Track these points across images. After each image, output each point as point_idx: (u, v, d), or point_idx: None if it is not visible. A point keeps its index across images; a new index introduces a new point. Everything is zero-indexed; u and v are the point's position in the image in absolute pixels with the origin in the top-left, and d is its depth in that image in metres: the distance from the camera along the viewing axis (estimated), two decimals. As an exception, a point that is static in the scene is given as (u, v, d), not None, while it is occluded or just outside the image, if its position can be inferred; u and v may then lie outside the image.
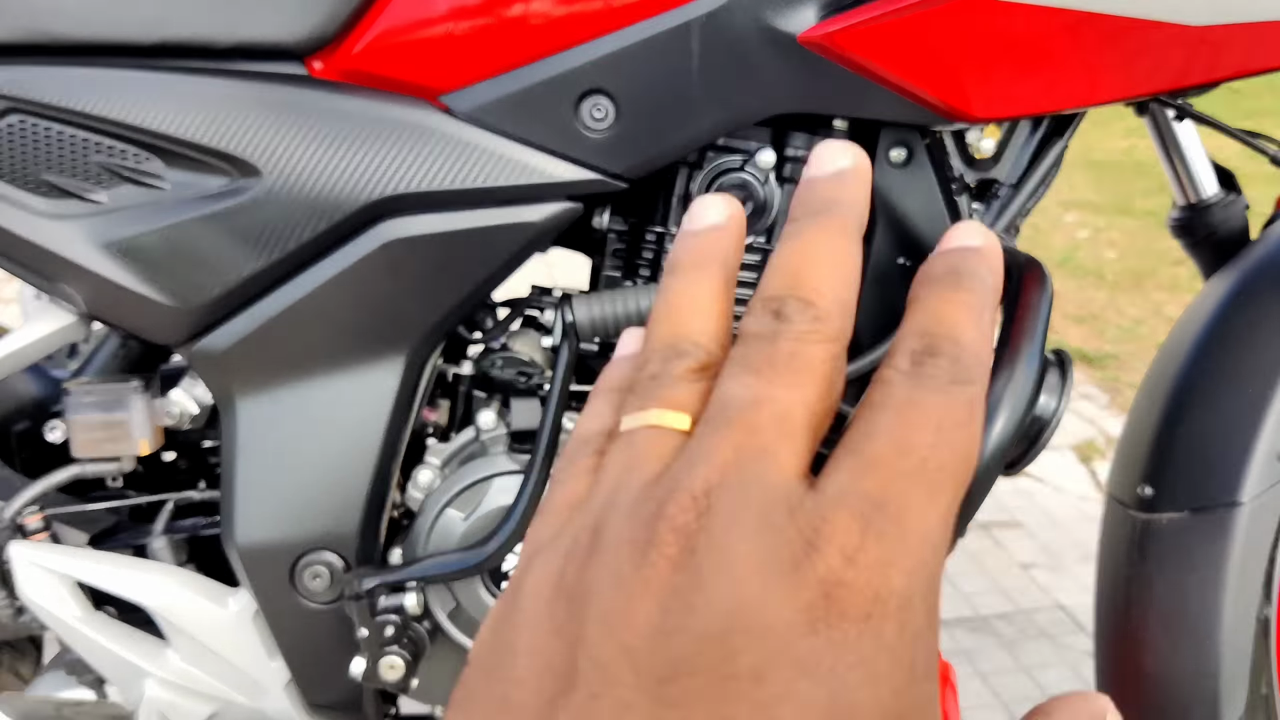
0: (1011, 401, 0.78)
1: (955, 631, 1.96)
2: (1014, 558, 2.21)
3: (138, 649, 1.01)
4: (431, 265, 0.94)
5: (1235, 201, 1.23)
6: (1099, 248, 4.50)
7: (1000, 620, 2.00)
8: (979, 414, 0.34)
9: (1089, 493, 2.50)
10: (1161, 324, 3.67)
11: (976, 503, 0.78)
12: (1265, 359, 1.04)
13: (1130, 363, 3.33)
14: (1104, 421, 2.85)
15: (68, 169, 0.92)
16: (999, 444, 0.77)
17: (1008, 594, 2.08)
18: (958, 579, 2.12)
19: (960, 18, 0.86)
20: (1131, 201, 5.12)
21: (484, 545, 0.93)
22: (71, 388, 0.99)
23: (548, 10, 0.89)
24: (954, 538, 0.82)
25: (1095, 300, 3.88)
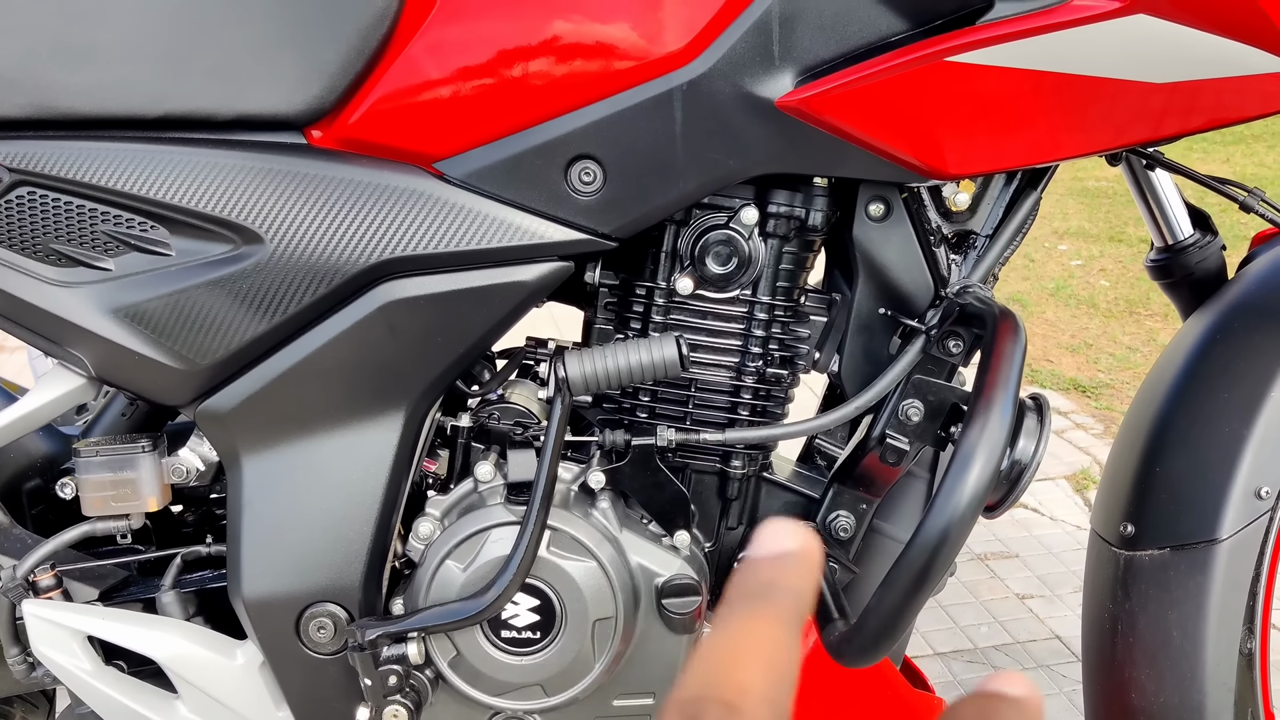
0: (986, 449, 0.82)
1: (952, 664, 1.98)
2: (1010, 589, 2.23)
3: (148, 702, 1.03)
4: (429, 325, 0.98)
5: (1211, 243, 1.27)
6: (1092, 276, 4.54)
7: (997, 651, 2.02)
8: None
9: (1083, 522, 2.52)
10: (1155, 352, 3.70)
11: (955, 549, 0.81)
12: (1241, 397, 1.07)
13: (1124, 391, 3.36)
14: (1098, 451, 2.87)
15: (75, 238, 0.96)
16: (975, 491, 0.81)
17: (1004, 625, 2.10)
18: (954, 610, 2.14)
19: (930, 81, 0.90)
20: (1124, 229, 5.16)
21: (483, 595, 0.96)
22: (81, 448, 1.02)
23: (537, 80, 0.93)
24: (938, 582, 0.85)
25: (1089, 329, 3.91)
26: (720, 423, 1.08)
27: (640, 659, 1.03)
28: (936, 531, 0.79)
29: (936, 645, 2.04)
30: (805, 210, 1.03)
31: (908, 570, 0.81)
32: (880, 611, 0.84)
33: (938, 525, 0.79)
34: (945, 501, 0.79)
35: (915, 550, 0.80)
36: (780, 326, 1.07)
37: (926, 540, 0.80)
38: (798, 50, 0.91)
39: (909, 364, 1.03)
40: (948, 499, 0.79)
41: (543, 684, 1.01)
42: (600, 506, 1.02)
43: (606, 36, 0.91)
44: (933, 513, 0.80)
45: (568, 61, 0.92)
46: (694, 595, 1.00)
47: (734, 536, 1.15)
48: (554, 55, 0.92)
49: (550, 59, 0.92)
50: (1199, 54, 0.89)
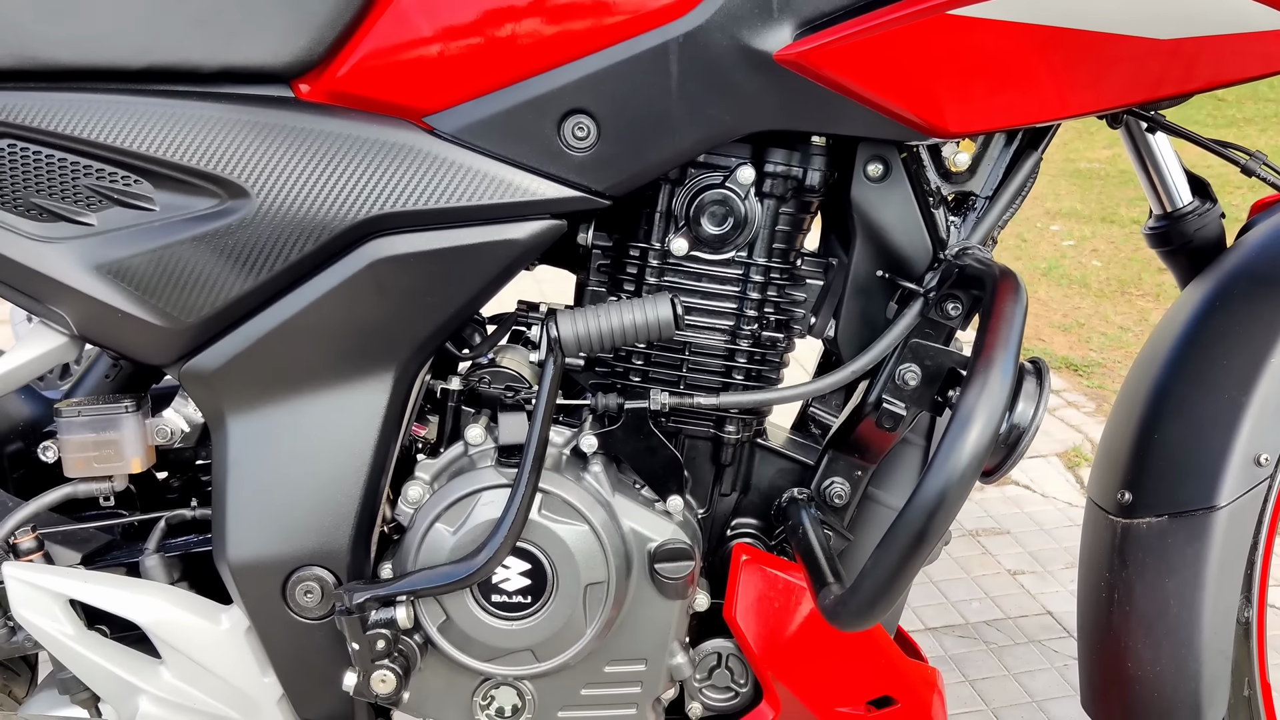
0: (986, 410, 0.80)
1: (944, 639, 1.97)
2: (1002, 564, 2.23)
3: (131, 666, 1.01)
4: (418, 283, 0.96)
5: (1210, 210, 1.25)
6: (1084, 256, 4.53)
7: (989, 627, 2.01)
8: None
9: (1075, 499, 2.52)
10: (1146, 331, 3.69)
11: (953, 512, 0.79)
12: (1240, 364, 1.06)
13: (1116, 370, 3.35)
14: (1090, 429, 2.87)
15: (57, 192, 0.93)
16: (974, 451, 0.80)
17: (996, 601, 2.10)
18: (946, 586, 2.14)
19: (932, 35, 0.88)
20: (1116, 210, 5.15)
21: (473, 558, 0.94)
22: (63, 408, 1.00)
23: (530, 33, 0.91)
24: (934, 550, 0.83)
25: (1081, 309, 3.90)
26: (714, 387, 1.06)
27: (631, 625, 1.02)
28: (934, 493, 0.78)
29: (928, 620, 2.03)
30: (803, 170, 1.01)
31: (904, 532, 0.80)
32: (876, 574, 0.82)
33: (935, 487, 0.78)
34: (943, 462, 0.78)
35: (912, 512, 0.79)
36: (776, 289, 1.05)
37: (924, 502, 0.78)
38: (797, 2, 0.89)
39: (907, 327, 1.01)
40: (945, 460, 0.77)
41: (533, 649, 0.99)
42: (593, 470, 1.01)
43: (602, -13, 0.89)
44: (930, 474, 0.78)
45: (561, 13, 0.90)
46: (687, 560, 0.98)
47: (727, 503, 1.13)
48: (547, 6, 0.90)
49: (544, 10, 0.90)
50: (1203, 9, 0.88)
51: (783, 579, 1.05)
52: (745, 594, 1.05)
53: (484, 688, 1.04)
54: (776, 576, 1.05)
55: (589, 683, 1.04)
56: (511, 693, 1.04)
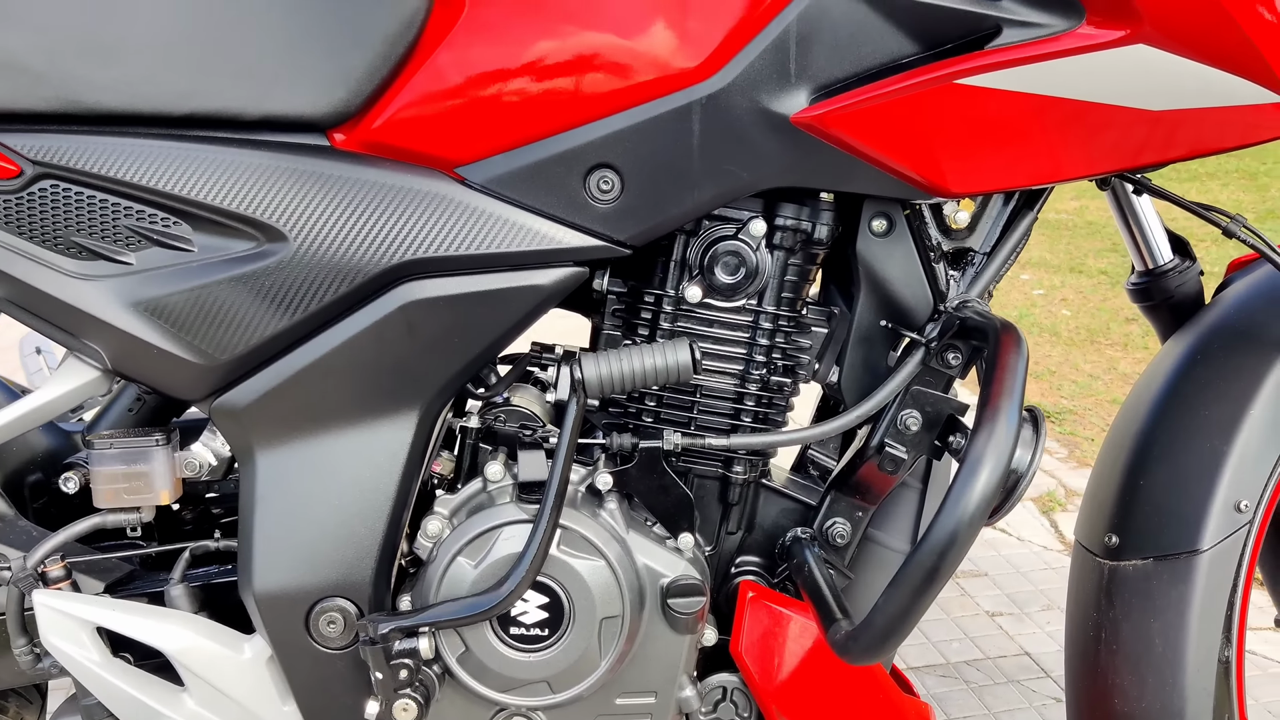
0: (994, 456, 0.86)
1: (926, 678, 2.01)
2: (980, 606, 2.28)
3: (155, 694, 1.04)
4: (446, 326, 1.00)
5: (1190, 268, 1.32)
6: (1054, 306, 4.63)
7: (969, 667, 2.06)
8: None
9: (1050, 543, 2.58)
10: (1115, 379, 3.78)
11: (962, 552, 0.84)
12: (1221, 415, 1.12)
13: (1087, 417, 3.43)
14: (1063, 474, 2.93)
15: (97, 232, 0.97)
16: (984, 494, 0.85)
17: (975, 641, 2.14)
18: (927, 626, 2.18)
19: (940, 102, 0.94)
20: (1084, 261, 5.27)
21: (496, 590, 0.98)
22: (95, 440, 1.03)
23: (560, 91, 0.96)
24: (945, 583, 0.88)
25: (1051, 357, 3.99)
26: (724, 428, 1.10)
27: (643, 658, 1.06)
28: (946, 533, 0.83)
29: (910, 659, 2.07)
30: (812, 224, 1.06)
31: (917, 570, 0.84)
32: (889, 610, 0.87)
33: (947, 527, 0.82)
34: (955, 504, 0.82)
35: (925, 551, 0.84)
36: (784, 336, 1.10)
37: (936, 541, 0.83)
38: (813, 69, 0.95)
39: (909, 375, 1.06)
40: (957, 502, 0.82)
41: (549, 680, 1.03)
42: (608, 507, 1.05)
43: (630, 50, 0.95)
44: (942, 515, 0.83)
45: (591, 73, 0.95)
46: (699, 595, 1.02)
47: (733, 541, 1.17)
48: (578, 67, 0.95)
49: (574, 70, 0.95)
50: (1194, 84, 0.94)
51: (788, 615, 1.09)
52: (751, 629, 1.09)
53: (499, 717, 1.07)
54: (781, 613, 1.09)
55: (600, 714, 1.07)
56: (524, 723, 1.07)
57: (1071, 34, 0.93)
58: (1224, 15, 0.91)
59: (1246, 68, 0.94)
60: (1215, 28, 0.92)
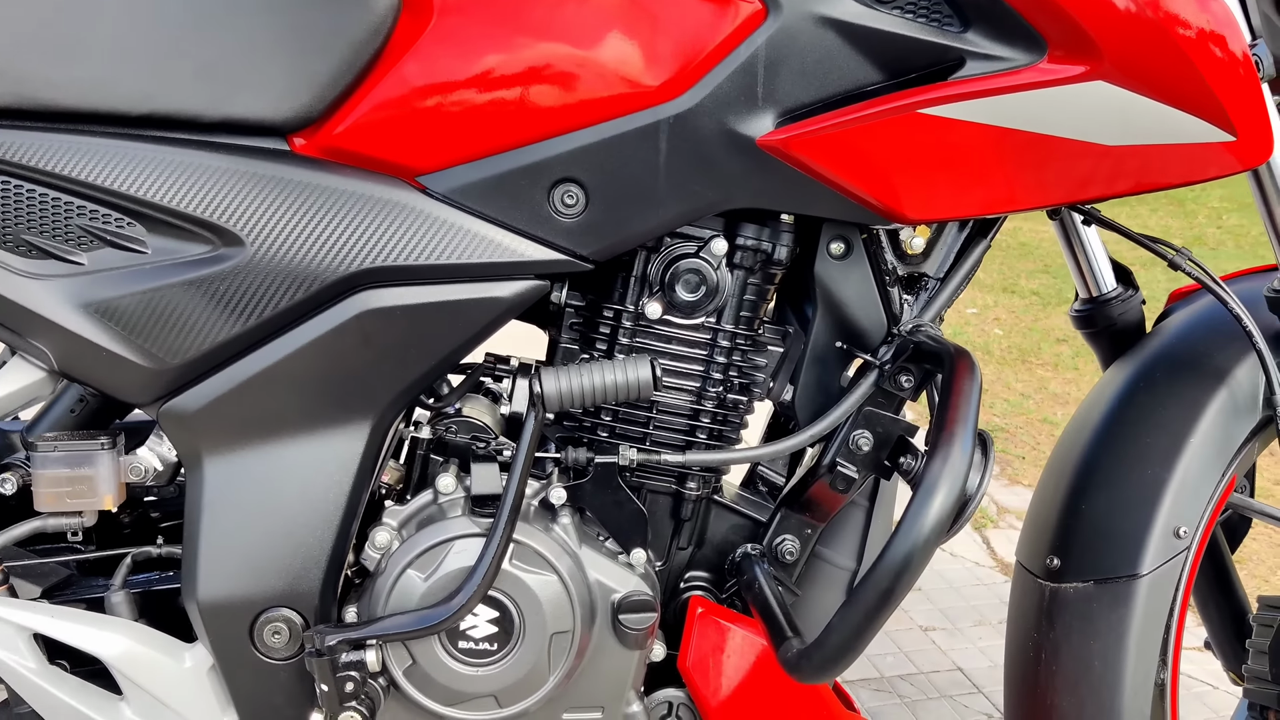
0: (949, 480, 0.87)
1: (860, 691, 2.03)
2: (914, 621, 2.31)
3: (92, 703, 1.01)
4: (403, 336, 0.99)
5: (1132, 297, 1.35)
6: (986, 325, 4.71)
7: (902, 681, 2.09)
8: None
9: (983, 559, 2.62)
10: (1046, 399, 3.85)
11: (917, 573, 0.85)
12: (1162, 442, 1.15)
13: (1018, 435, 3.49)
14: (995, 491, 2.99)
15: (49, 230, 0.95)
16: (938, 519, 0.86)
17: (909, 656, 2.17)
18: (864, 641, 2.21)
19: (902, 130, 0.95)
20: (1017, 281, 5.37)
21: (446, 604, 0.97)
22: (39, 443, 1.01)
23: (528, 103, 0.95)
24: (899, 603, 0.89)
25: (984, 376, 4.06)
26: (679, 444, 1.11)
27: (592, 673, 1.06)
28: (902, 555, 0.84)
29: (845, 674, 2.09)
30: (772, 244, 1.07)
31: (873, 591, 0.85)
32: (843, 630, 0.88)
33: (903, 549, 0.84)
34: (911, 527, 0.84)
35: (880, 572, 0.85)
36: (740, 355, 1.11)
37: (892, 563, 0.84)
38: (780, 93, 0.95)
39: (862, 396, 1.08)
40: (913, 525, 0.84)
41: (496, 695, 1.02)
42: (561, 522, 1.04)
43: (599, 66, 0.95)
44: (898, 538, 0.84)
45: (559, 87, 0.95)
46: (650, 612, 1.03)
47: (683, 556, 1.18)
48: (546, 80, 0.95)
49: (542, 83, 0.95)
50: (1150, 121, 0.96)
51: (736, 631, 1.09)
52: (699, 645, 1.09)
53: (444, 731, 1.06)
54: (730, 629, 1.10)
55: (547, 729, 1.07)
56: (471, 737, 1.07)
57: (1033, 68, 0.94)
58: (1180, 55, 0.94)
59: (1200, 106, 0.96)
60: (1172, 67, 0.94)
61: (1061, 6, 0.91)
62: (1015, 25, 0.94)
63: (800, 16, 0.94)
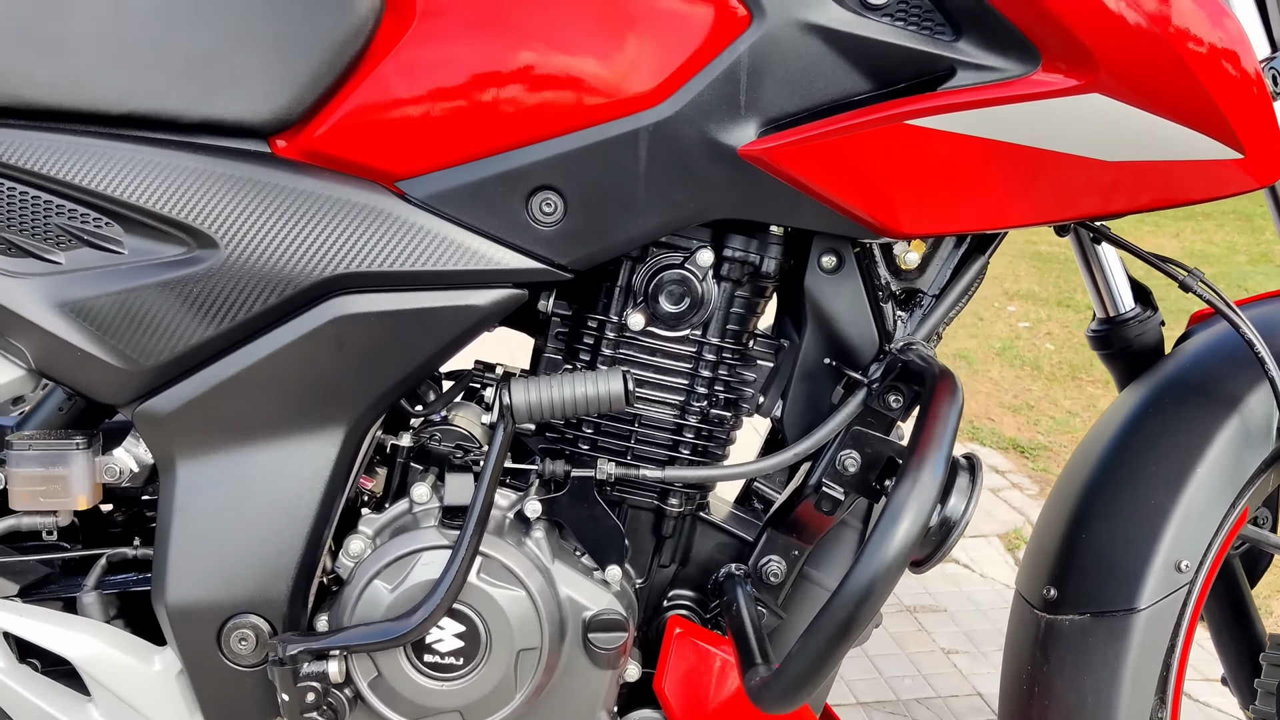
0: (916, 507, 0.83)
1: (874, 714, 1.99)
2: (936, 642, 2.26)
3: (59, 703, 1.01)
4: (377, 342, 0.98)
5: (1150, 318, 1.30)
6: (1038, 339, 4.62)
7: (919, 705, 2.04)
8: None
9: (1012, 581, 2.55)
10: (1094, 417, 3.74)
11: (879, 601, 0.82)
12: (1168, 471, 1.10)
13: (1061, 454, 3.41)
14: (1031, 511, 2.92)
15: (27, 228, 0.95)
16: (902, 545, 0.83)
17: (928, 679, 2.12)
18: (880, 661, 2.16)
19: (889, 141, 0.92)
20: (1072, 295, 5.26)
21: (409, 617, 0.95)
22: (14, 440, 1.01)
23: (506, 109, 0.94)
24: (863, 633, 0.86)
25: (1031, 391, 3.98)
26: (661, 459, 1.08)
27: (562, 692, 1.03)
28: (862, 584, 0.81)
29: (860, 695, 2.05)
30: (760, 257, 1.04)
31: (831, 620, 0.82)
32: (803, 659, 0.85)
33: (863, 578, 0.80)
34: (872, 555, 0.80)
35: (840, 601, 0.82)
36: (727, 369, 1.08)
37: (852, 592, 0.81)
38: (764, 101, 0.93)
39: (849, 415, 1.05)
40: (875, 553, 0.80)
41: (462, 711, 1.01)
42: (534, 536, 1.02)
43: (578, 72, 0.93)
44: (859, 565, 0.81)
45: (538, 93, 0.93)
46: (620, 631, 1.00)
47: (665, 574, 1.15)
48: (525, 86, 0.93)
49: (521, 89, 0.93)
50: (1150, 136, 0.92)
51: (713, 654, 1.06)
52: (676, 667, 1.07)
53: (412, 745, 1.04)
54: (708, 651, 1.07)
55: (516, 746, 1.05)
56: (439, 752, 1.05)
57: (1026, 79, 0.91)
58: (1183, 69, 0.90)
59: (1204, 123, 0.92)
60: (1174, 81, 0.90)
61: (1057, 16, 0.88)
62: (1008, 35, 0.90)
63: (785, 23, 0.91)
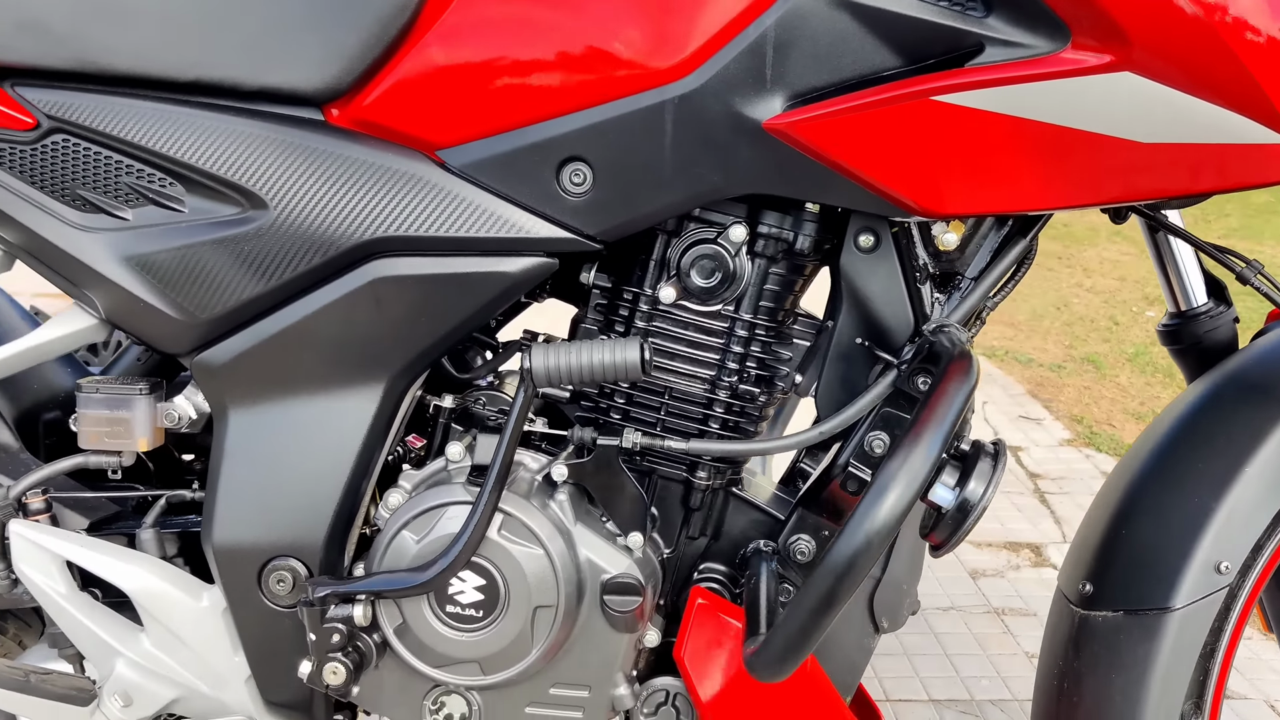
0: (904, 483, 0.83)
1: (945, 712, 1.95)
2: (1020, 646, 2.20)
3: (113, 630, 1.09)
4: (413, 304, 1.02)
5: (1223, 313, 1.25)
6: (1165, 335, 4.43)
7: (993, 706, 1.99)
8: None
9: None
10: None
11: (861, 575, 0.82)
12: (1215, 469, 1.05)
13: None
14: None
15: (100, 186, 1.02)
16: (886, 522, 0.82)
17: (1007, 682, 2.07)
18: (959, 660, 2.12)
19: (915, 118, 0.91)
20: (1217, 302, 5.02)
21: (427, 569, 0.99)
22: (84, 384, 1.08)
23: (539, 80, 0.96)
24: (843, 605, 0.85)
25: (1160, 399, 3.83)
26: (690, 432, 1.09)
27: (580, 651, 1.06)
28: (844, 557, 0.81)
29: (934, 692, 2.02)
30: (794, 234, 1.04)
31: (814, 592, 0.83)
32: (787, 629, 0.85)
33: (845, 551, 0.80)
34: (855, 529, 0.80)
35: (822, 573, 0.82)
36: (760, 345, 1.09)
37: (833, 564, 0.81)
38: (790, 76, 0.93)
39: (877, 397, 1.04)
40: (859, 526, 0.80)
41: (480, 662, 1.04)
42: (558, 499, 1.05)
43: (607, 45, 0.95)
44: (842, 538, 0.81)
45: (569, 65, 0.96)
46: (635, 595, 1.02)
47: (696, 546, 1.17)
48: (557, 58, 0.96)
49: (553, 61, 0.96)
50: (1188, 118, 0.89)
51: (733, 626, 1.07)
52: (695, 636, 1.08)
53: (435, 693, 1.08)
54: (727, 623, 1.08)
55: (533, 701, 1.08)
56: (461, 701, 1.09)
57: (1054, 57, 0.89)
58: (1222, 47, 0.86)
59: (1246, 105, 0.88)
60: (1211, 60, 0.87)
61: (1084, -9, 0.86)
62: (1037, 10, 0.88)
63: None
